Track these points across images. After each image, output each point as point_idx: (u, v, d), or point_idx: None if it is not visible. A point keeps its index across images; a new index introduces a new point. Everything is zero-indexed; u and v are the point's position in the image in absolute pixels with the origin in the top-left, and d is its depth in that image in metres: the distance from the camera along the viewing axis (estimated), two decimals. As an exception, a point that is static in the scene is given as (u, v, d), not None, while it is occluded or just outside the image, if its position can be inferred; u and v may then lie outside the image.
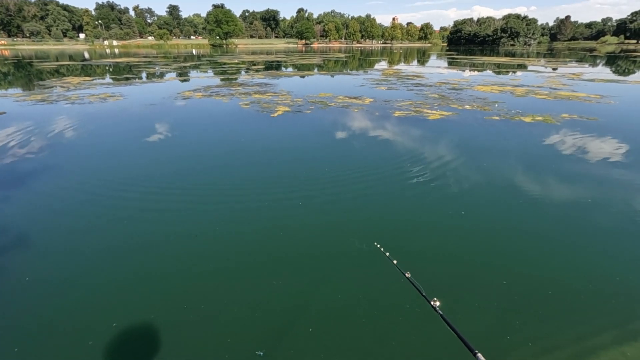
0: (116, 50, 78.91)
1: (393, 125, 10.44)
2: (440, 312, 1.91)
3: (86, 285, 3.83)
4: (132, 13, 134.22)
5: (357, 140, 9.01)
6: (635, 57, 49.38)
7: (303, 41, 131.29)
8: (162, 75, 26.52)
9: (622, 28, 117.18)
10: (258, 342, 3.13)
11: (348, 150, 8.31)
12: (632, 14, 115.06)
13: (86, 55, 58.95)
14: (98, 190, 6.07)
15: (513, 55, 57.68)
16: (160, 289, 3.81)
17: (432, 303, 1.98)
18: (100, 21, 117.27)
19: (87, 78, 23.73)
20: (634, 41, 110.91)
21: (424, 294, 2.11)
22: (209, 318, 3.38)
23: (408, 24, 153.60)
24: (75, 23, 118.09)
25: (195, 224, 5.04)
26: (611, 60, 44.72)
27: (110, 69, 31.87)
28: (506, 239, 4.73)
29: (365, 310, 3.49)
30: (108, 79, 24.23)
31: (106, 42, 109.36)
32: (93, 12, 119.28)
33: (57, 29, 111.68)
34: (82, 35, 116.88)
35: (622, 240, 4.65)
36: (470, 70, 30.34)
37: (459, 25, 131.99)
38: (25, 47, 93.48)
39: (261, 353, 3.02)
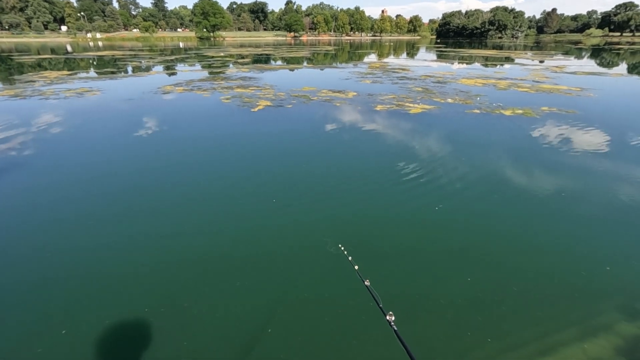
0: (100, 43, 76.93)
1: (374, 119, 10.35)
2: (395, 328, 1.83)
3: (59, 287, 3.70)
4: (115, 5, 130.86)
5: (335, 135, 8.91)
6: (619, 49, 50.14)
7: (292, 34, 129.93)
8: (146, 68, 25.94)
9: (607, 21, 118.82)
10: (219, 343, 3.05)
11: (326, 145, 8.21)
12: (616, 6, 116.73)
13: (69, 48, 57.37)
14: (63, 191, 5.89)
15: (501, 48, 58.01)
16: (129, 288, 3.71)
17: (387, 317, 1.90)
18: (82, 13, 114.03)
19: (66, 72, 23.05)
20: (618, 34, 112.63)
21: (380, 305, 2.04)
22: (168, 320, 3.28)
23: (397, 16, 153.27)
24: (57, 15, 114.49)
25: (165, 222, 4.91)
26: (595, 52, 45.32)
27: (94, 63, 31.07)
28: (475, 234, 4.70)
29: (325, 315, 3.41)
30: (89, 73, 23.59)
31: (89, 35, 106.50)
32: (75, 4, 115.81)
33: (37, 21, 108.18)
34: (64, 28, 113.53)
35: (587, 237, 4.67)
36: (457, 63, 30.40)
37: (447, 18, 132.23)
38: (5, 39, 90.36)
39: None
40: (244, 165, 7.01)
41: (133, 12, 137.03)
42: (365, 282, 2.29)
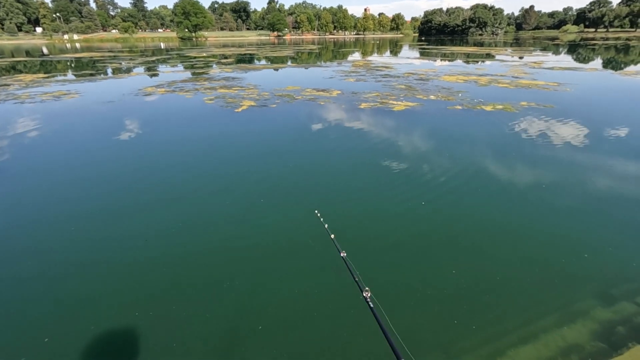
0: (77, 45, 74.75)
1: (358, 117, 10.42)
2: (371, 305, 1.82)
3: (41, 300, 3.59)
4: (93, 5, 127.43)
5: (320, 134, 8.93)
6: (594, 45, 51.69)
7: (275, 33, 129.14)
8: (126, 70, 25.37)
9: (582, 17, 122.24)
10: (209, 343, 3.03)
11: (311, 144, 8.22)
12: (590, 3, 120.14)
13: (45, 50, 55.63)
14: (41, 196, 5.73)
15: (481, 45, 59.08)
16: (115, 293, 3.65)
17: (364, 294, 1.88)
18: (58, 14, 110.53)
19: (42, 75, 22.36)
20: (593, 29, 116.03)
21: (357, 279, 2.01)
22: (157, 323, 3.25)
23: (380, 14, 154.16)
24: (31, 16, 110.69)
25: (150, 224, 4.84)
26: (572, 48, 46.62)
27: (72, 65, 30.22)
28: (459, 227, 4.80)
29: (314, 312, 3.45)
30: (67, 75, 22.98)
31: (66, 36, 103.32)
32: (50, 4, 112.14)
33: (10, 23, 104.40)
34: (39, 29, 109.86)
35: (567, 226, 4.81)
36: (439, 60, 30.81)
37: (429, 16, 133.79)
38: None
39: None
40: (229, 166, 6.96)
41: (111, 13, 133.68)
42: (342, 254, 2.26)
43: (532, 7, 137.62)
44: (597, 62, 27.62)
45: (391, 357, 1.60)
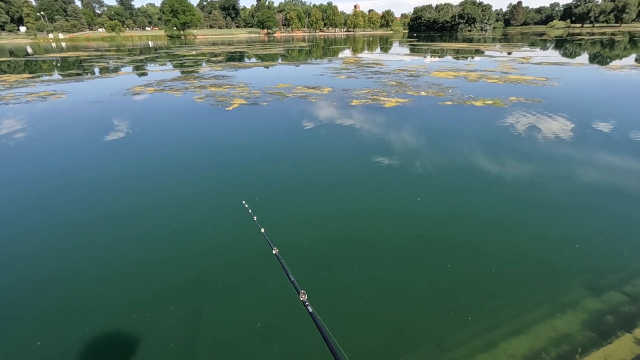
0: (63, 44, 73.27)
1: (350, 114, 10.42)
2: (310, 309, 1.66)
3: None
4: (78, 3, 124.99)
5: (312, 132, 8.91)
6: (580, 40, 52.42)
7: (265, 31, 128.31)
8: (113, 69, 24.97)
9: (569, 13, 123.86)
10: (206, 343, 3.01)
11: (303, 142, 8.20)
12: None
13: (29, 50, 54.45)
14: (30, 200, 5.62)
15: (470, 41, 59.48)
16: (110, 295, 3.60)
17: (300, 297, 1.73)
18: (42, 12, 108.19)
19: (27, 75, 21.88)
20: (579, 25, 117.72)
21: (292, 279, 1.92)
22: (154, 322, 3.21)
23: (370, 11, 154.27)
24: (14, 15, 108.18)
25: (141, 226, 4.79)
26: (559, 44, 47.23)
27: (58, 64, 29.62)
28: (453, 222, 4.83)
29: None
30: (53, 75, 22.53)
31: (51, 36, 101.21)
32: (33, 3, 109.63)
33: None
34: (23, 29, 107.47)
35: (559, 219, 4.88)
36: (429, 57, 30.95)
37: (418, 12, 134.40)
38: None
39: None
40: (222, 166, 6.91)
41: (97, 11, 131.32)
42: (273, 251, 2.26)
43: (519, 3, 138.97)
44: (584, 57, 28.03)
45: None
